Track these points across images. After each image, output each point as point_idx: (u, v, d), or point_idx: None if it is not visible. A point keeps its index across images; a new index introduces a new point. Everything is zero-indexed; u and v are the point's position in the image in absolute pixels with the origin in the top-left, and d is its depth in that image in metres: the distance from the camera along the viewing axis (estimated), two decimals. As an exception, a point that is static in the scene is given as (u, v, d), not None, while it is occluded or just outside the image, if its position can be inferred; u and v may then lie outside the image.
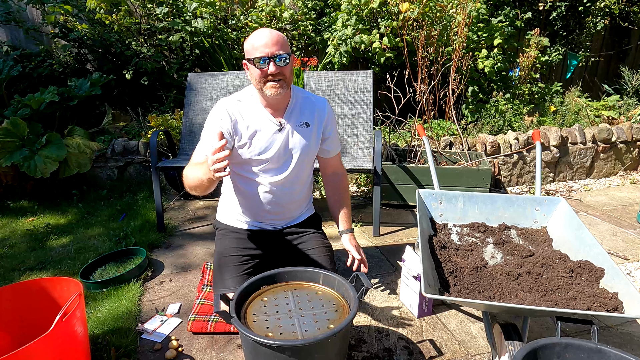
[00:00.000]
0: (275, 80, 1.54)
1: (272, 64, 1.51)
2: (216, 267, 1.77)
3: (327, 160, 1.86)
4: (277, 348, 1.19)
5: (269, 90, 1.55)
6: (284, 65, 1.53)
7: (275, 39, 1.51)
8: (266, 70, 1.52)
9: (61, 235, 2.70)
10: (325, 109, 1.75)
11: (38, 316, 1.57)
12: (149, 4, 3.94)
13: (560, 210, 1.81)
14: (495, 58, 3.82)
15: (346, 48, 3.77)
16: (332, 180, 1.91)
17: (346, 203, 1.89)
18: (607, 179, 3.81)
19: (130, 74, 3.84)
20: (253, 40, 1.53)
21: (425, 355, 1.64)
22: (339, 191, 1.90)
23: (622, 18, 4.87)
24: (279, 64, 1.52)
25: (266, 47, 1.49)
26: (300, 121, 1.69)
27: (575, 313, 1.26)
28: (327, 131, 1.77)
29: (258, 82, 1.56)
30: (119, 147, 3.49)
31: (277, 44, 1.51)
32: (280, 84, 1.55)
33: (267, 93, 1.56)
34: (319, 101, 1.76)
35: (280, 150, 1.66)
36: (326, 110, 1.75)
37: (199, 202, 3.27)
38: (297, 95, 1.71)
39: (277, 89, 1.55)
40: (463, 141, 3.37)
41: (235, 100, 1.66)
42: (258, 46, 1.50)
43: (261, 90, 1.58)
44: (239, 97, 1.67)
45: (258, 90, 1.60)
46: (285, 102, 1.67)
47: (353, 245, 1.80)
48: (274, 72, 1.52)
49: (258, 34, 1.53)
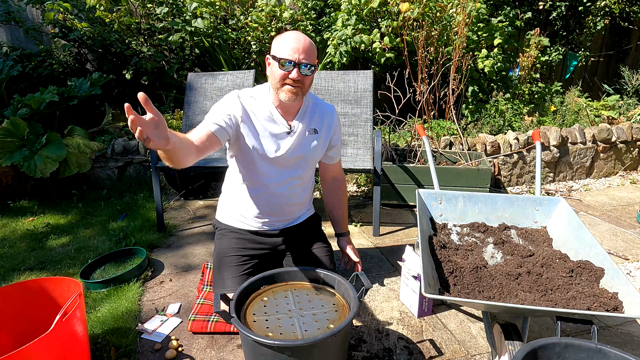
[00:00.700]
0: (294, 86, 1.52)
1: (296, 71, 1.49)
2: (216, 267, 1.77)
3: (329, 166, 1.87)
4: (277, 348, 1.19)
5: (285, 94, 1.54)
6: (307, 75, 1.52)
7: (307, 47, 1.49)
8: (288, 74, 1.50)
9: (61, 235, 2.70)
10: (334, 119, 1.76)
11: (38, 316, 1.57)
12: (149, 3, 3.94)
13: (560, 210, 1.81)
14: (495, 58, 3.82)
15: (346, 48, 3.77)
16: (331, 185, 1.92)
17: (344, 207, 1.94)
18: (607, 179, 3.81)
19: (130, 73, 3.84)
20: (285, 39, 1.50)
21: (425, 355, 1.64)
22: (338, 195, 1.93)
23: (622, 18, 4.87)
24: (302, 72, 1.50)
25: (296, 51, 1.47)
26: (310, 127, 1.69)
27: (575, 313, 1.26)
28: (334, 140, 1.79)
29: (276, 82, 1.54)
30: (119, 147, 3.49)
31: (307, 52, 1.49)
32: (297, 91, 1.54)
33: (282, 96, 1.55)
34: (329, 109, 1.76)
35: (287, 152, 1.66)
36: (334, 120, 1.77)
37: (199, 202, 3.27)
38: (308, 100, 1.71)
39: (293, 95, 1.54)
40: (463, 141, 3.37)
41: (248, 95, 1.64)
42: (288, 47, 1.48)
43: (277, 91, 1.56)
44: (251, 94, 1.65)
45: (274, 89, 1.58)
46: (298, 106, 1.66)
47: (350, 248, 1.89)
48: (295, 79, 1.50)
49: (292, 35, 1.51)
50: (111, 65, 4.03)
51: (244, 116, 1.60)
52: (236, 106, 1.59)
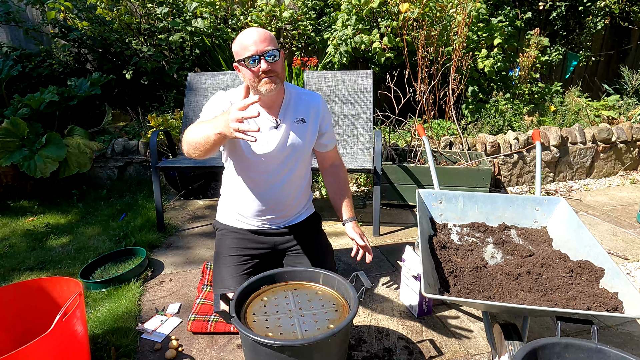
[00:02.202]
0: (269, 77, 1.53)
1: (263, 62, 1.50)
2: (216, 267, 1.77)
3: (326, 154, 1.86)
4: (277, 348, 1.18)
5: (264, 87, 1.54)
6: (275, 62, 1.53)
7: (262, 36, 1.50)
8: (258, 69, 1.51)
9: (61, 235, 2.70)
10: (320, 105, 1.75)
11: (38, 316, 1.57)
12: (149, 3, 3.94)
13: (560, 210, 1.81)
14: (495, 58, 3.82)
15: (346, 48, 3.77)
16: (331, 172, 1.90)
17: (347, 192, 1.86)
18: (607, 179, 3.81)
19: (130, 73, 3.84)
20: (240, 41, 1.52)
21: (425, 355, 1.64)
22: (339, 181, 1.88)
23: (622, 18, 4.87)
24: (269, 61, 1.51)
25: (254, 45, 1.49)
26: (296, 117, 1.69)
27: (575, 313, 1.26)
28: (324, 126, 1.77)
29: (252, 82, 1.56)
30: (119, 147, 3.49)
31: (264, 41, 1.50)
32: (274, 80, 1.54)
33: (262, 90, 1.55)
34: (314, 97, 1.76)
35: (277, 147, 1.66)
36: (321, 106, 1.76)
37: (199, 202, 3.27)
38: (290, 92, 1.71)
39: (272, 84, 1.55)
40: (463, 141, 3.37)
41: (233, 96, 1.66)
42: (246, 45, 1.50)
43: (256, 90, 1.57)
44: (234, 95, 1.66)
45: (253, 90, 1.59)
46: (280, 99, 1.67)
47: (357, 233, 1.74)
48: (266, 69, 1.51)
49: (244, 34, 1.53)
50: (111, 65, 4.03)
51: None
52: (226, 105, 1.61)
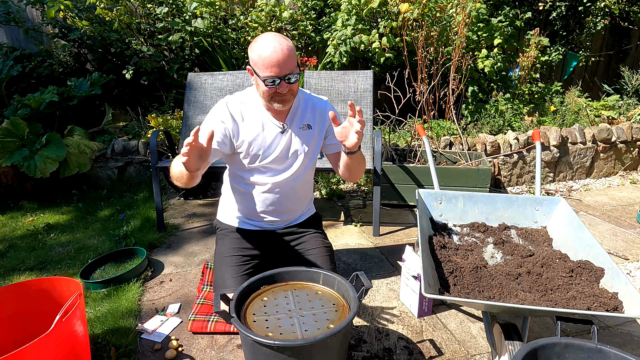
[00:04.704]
0: (284, 95, 1.52)
1: (283, 84, 1.48)
2: (216, 267, 1.77)
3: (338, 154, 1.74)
4: (277, 348, 1.19)
5: (278, 104, 1.54)
6: (295, 82, 1.51)
7: (286, 56, 1.43)
8: (276, 90, 1.49)
9: (61, 235, 2.70)
10: (326, 110, 1.73)
11: (38, 316, 1.57)
12: (149, 3, 3.93)
13: (560, 210, 1.81)
14: (495, 58, 3.82)
15: (346, 48, 3.77)
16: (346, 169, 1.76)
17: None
18: (607, 179, 3.81)
19: (130, 73, 3.84)
20: (260, 53, 1.44)
21: (425, 355, 1.64)
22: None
23: (622, 18, 4.87)
24: (290, 82, 1.49)
25: (278, 67, 1.43)
26: (303, 123, 1.69)
27: (575, 313, 1.26)
28: (330, 129, 1.74)
29: (265, 96, 1.54)
30: (119, 147, 3.49)
31: (287, 62, 1.44)
32: (288, 98, 1.54)
33: (276, 106, 1.55)
34: (320, 102, 1.74)
35: (282, 152, 1.66)
36: (327, 111, 1.74)
37: (199, 202, 3.27)
38: (299, 97, 1.70)
39: (286, 103, 1.55)
40: (463, 141, 3.37)
41: (238, 101, 1.65)
42: (268, 64, 1.43)
43: (267, 102, 1.57)
44: (241, 99, 1.66)
45: (264, 100, 1.59)
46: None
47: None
48: (285, 92, 1.50)
49: (266, 47, 1.43)
50: (111, 65, 4.03)
51: (235, 124, 1.61)
52: (226, 117, 1.60)
